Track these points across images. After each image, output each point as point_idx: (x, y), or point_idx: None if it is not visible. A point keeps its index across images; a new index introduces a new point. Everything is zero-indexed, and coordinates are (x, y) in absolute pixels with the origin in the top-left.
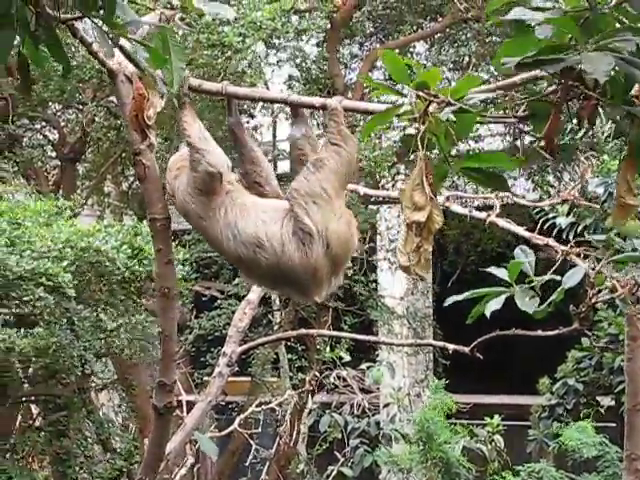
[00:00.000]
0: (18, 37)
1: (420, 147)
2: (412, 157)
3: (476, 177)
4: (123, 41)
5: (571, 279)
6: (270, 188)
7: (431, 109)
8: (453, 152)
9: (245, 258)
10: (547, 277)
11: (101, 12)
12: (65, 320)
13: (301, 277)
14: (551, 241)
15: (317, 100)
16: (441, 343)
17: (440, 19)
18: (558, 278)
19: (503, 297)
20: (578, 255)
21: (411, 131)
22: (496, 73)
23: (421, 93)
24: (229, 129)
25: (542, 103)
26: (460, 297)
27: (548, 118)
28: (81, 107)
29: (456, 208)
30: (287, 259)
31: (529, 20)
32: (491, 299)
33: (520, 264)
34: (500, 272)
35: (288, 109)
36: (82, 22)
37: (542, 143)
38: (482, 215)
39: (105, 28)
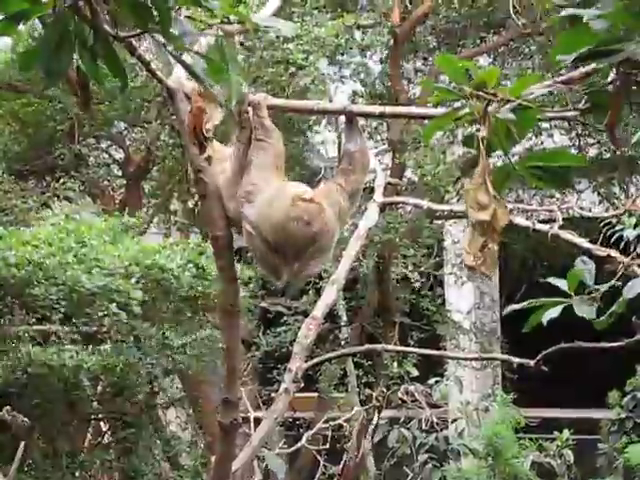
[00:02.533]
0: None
1: (481, 146)
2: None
3: (540, 176)
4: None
5: (632, 290)
6: None
7: (490, 109)
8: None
9: None
10: (606, 286)
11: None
12: (132, 338)
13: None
14: (613, 252)
15: (376, 108)
16: (506, 357)
17: (503, 32)
18: (618, 287)
19: (561, 306)
20: None
21: (472, 132)
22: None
23: (480, 92)
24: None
25: (602, 94)
26: (518, 306)
27: (608, 109)
28: (146, 126)
29: (520, 221)
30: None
31: (583, 15)
32: (549, 308)
33: (579, 274)
34: (560, 282)
35: None
36: (142, 39)
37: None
38: (546, 227)
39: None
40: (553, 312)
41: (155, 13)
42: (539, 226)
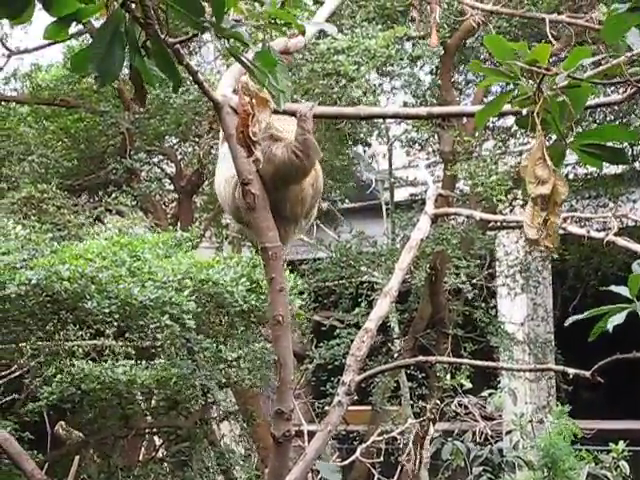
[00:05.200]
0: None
1: (537, 122)
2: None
3: (596, 154)
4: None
5: None
6: None
7: (543, 88)
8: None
9: None
10: None
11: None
12: (186, 351)
13: None
14: None
15: (423, 110)
16: (561, 368)
17: (555, 42)
18: None
19: (625, 312)
20: None
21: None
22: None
23: (533, 68)
24: None
25: None
26: (581, 316)
27: None
28: (197, 140)
29: (574, 229)
30: None
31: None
32: (612, 315)
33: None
34: (621, 289)
35: (403, 137)
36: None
37: None
38: (600, 235)
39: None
40: (617, 318)
41: (207, 10)
42: (594, 234)
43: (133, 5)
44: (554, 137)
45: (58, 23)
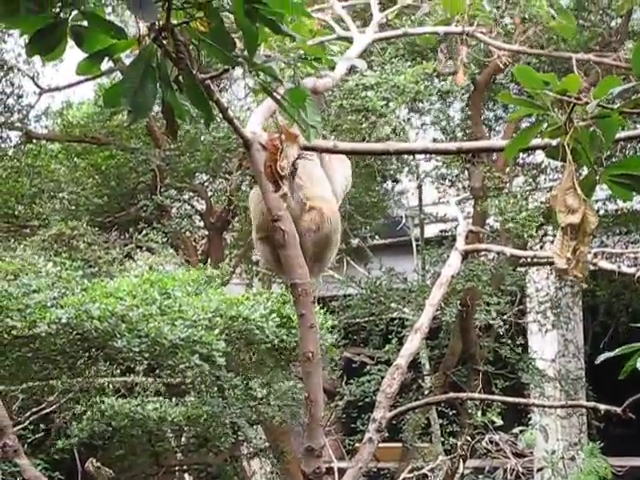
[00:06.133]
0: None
1: (567, 151)
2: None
3: (625, 184)
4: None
5: None
6: None
7: (574, 117)
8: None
9: None
10: None
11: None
12: (216, 388)
13: None
14: None
15: (452, 145)
16: (592, 404)
17: (584, 77)
18: None
19: None
20: None
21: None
22: None
23: (563, 97)
24: None
25: None
26: (612, 354)
27: None
28: (227, 176)
29: (605, 264)
30: None
31: None
32: None
33: None
34: None
35: (433, 173)
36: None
37: None
38: (632, 270)
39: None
40: None
41: (238, 45)
42: (625, 269)
43: (165, 40)
44: (584, 169)
45: (90, 59)
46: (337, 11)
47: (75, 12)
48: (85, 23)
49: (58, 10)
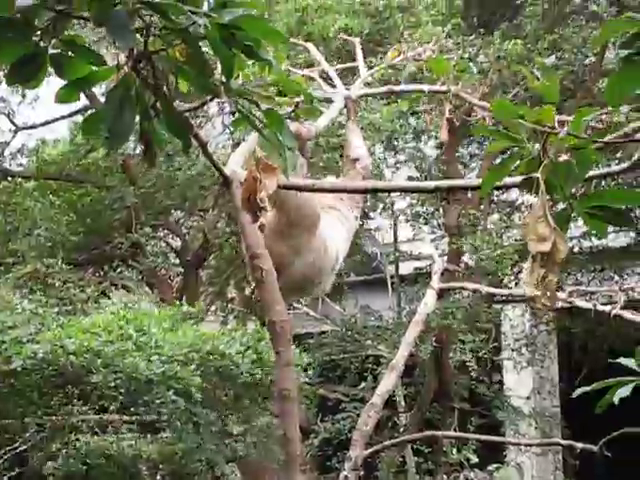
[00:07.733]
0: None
1: (541, 181)
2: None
3: (599, 216)
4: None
5: None
6: None
7: (548, 148)
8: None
9: None
10: None
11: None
12: (191, 425)
13: None
14: None
15: (430, 184)
16: (568, 442)
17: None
18: None
19: (632, 384)
20: None
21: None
22: None
23: (538, 126)
24: None
25: None
26: (587, 389)
27: None
28: (203, 214)
29: (580, 303)
30: None
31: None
32: (619, 388)
33: None
34: (628, 362)
35: (409, 211)
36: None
37: None
38: (607, 308)
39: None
40: (624, 391)
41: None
42: (600, 307)
43: (143, 69)
44: (560, 205)
45: (69, 87)
46: (325, 68)
47: (54, 40)
48: (65, 51)
49: (38, 38)
